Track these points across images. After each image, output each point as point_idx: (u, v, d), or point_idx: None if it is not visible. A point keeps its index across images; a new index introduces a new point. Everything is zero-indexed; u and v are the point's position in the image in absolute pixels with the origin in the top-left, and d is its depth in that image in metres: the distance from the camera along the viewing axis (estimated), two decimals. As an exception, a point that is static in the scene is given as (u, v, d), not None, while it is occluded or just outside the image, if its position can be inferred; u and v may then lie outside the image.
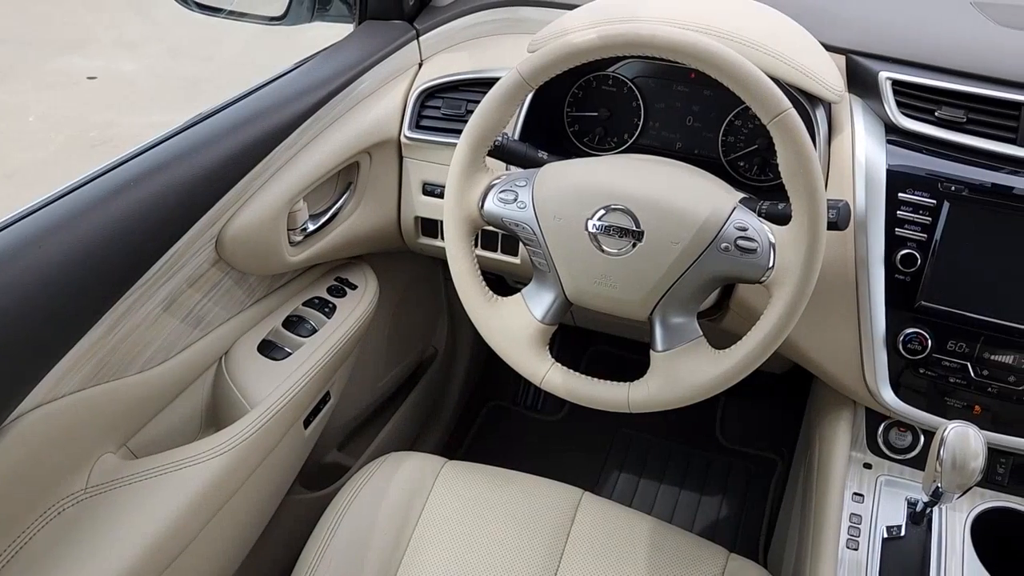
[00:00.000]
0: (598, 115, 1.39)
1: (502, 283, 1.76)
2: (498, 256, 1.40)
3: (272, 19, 1.41)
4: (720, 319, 1.30)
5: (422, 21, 1.41)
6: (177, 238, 1.05)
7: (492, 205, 1.07)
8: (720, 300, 1.28)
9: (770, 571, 1.62)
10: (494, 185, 1.08)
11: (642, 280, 1.00)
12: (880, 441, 1.25)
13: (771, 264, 0.97)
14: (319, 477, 1.54)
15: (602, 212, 1.00)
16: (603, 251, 1.01)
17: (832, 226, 1.03)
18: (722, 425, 2.12)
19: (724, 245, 0.98)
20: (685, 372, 1.01)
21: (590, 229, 1.01)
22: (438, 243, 1.44)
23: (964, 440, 0.97)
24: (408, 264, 1.67)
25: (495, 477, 1.27)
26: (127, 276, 0.99)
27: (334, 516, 1.18)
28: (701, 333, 1.03)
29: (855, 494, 1.20)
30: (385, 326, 1.66)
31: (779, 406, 2.04)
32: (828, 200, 1.03)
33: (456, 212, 1.08)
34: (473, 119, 1.05)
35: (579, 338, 2.28)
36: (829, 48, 1.21)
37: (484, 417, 2.16)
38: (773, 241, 0.98)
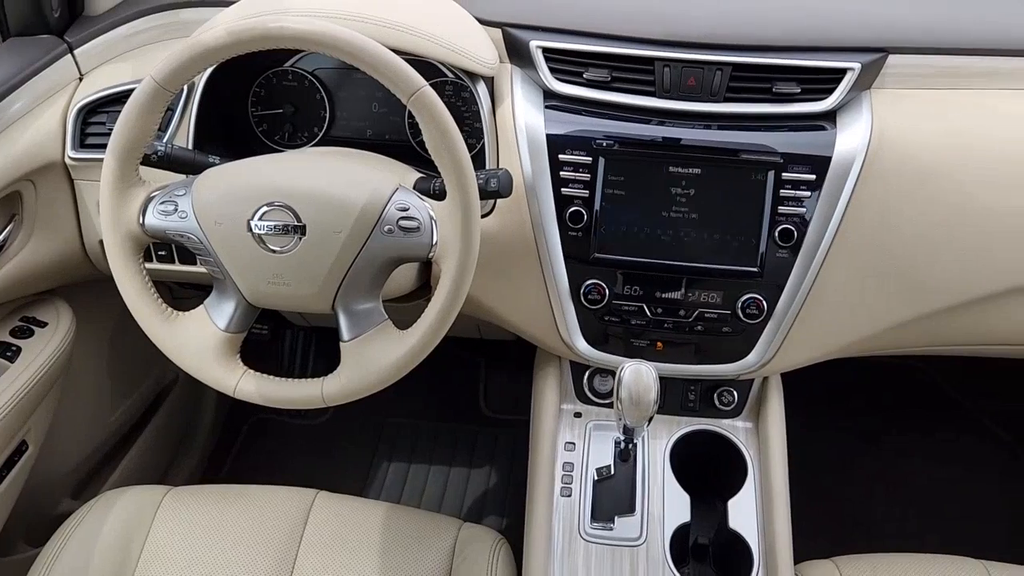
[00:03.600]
0: (283, 112, 1.36)
1: None
2: (199, 269, 1.35)
3: None
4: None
5: (74, 34, 1.31)
6: None
7: (153, 219, 1.03)
8: (426, 280, 1.30)
9: None
10: (153, 197, 1.03)
11: (314, 273, 1.00)
12: (586, 389, 1.32)
13: (435, 240, 0.99)
14: (47, 531, 1.43)
15: (263, 211, 0.99)
16: (271, 250, 0.99)
17: (494, 194, 1.07)
18: (485, 397, 2.17)
19: (388, 227, 0.99)
20: (374, 357, 1.02)
21: (253, 230, 0.99)
22: None
23: (637, 376, 1.04)
24: (116, 290, 1.58)
25: (224, 496, 1.23)
26: None
27: (39, 574, 1.10)
28: (387, 316, 1.04)
29: (567, 443, 1.26)
30: (100, 359, 1.56)
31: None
32: (487, 170, 1.07)
33: (115, 231, 1.03)
34: (114, 133, 1.00)
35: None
36: (485, 23, 1.25)
37: (247, 433, 2.10)
38: (434, 217, 1.00)
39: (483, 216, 1.20)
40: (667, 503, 1.20)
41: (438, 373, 2.21)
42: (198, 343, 1.05)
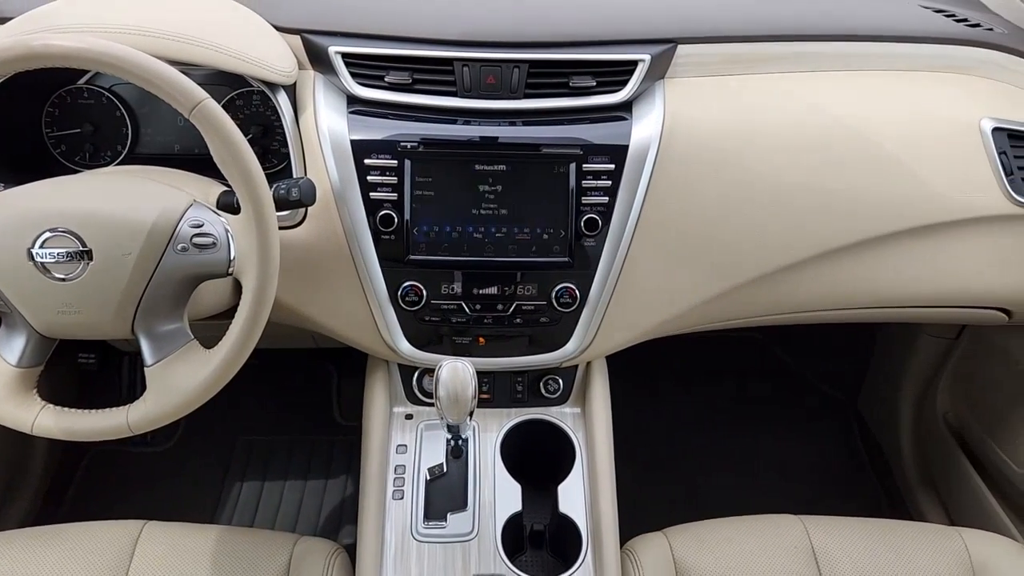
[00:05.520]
0: (82, 131, 1.30)
1: None
2: None
3: None
4: None
5: None
6: None
7: None
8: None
9: None
10: None
11: (106, 299, 0.96)
12: (416, 390, 1.33)
13: (233, 255, 0.97)
14: None
15: (45, 237, 0.94)
16: (56, 278, 0.95)
17: (296, 204, 1.05)
18: (339, 405, 2.15)
19: (181, 245, 0.96)
20: (179, 379, 0.99)
21: (35, 259, 0.94)
22: None
23: (454, 373, 1.05)
24: None
25: (38, 538, 1.17)
26: None
27: None
28: (192, 336, 1.01)
29: (399, 446, 1.27)
30: None
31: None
32: (289, 179, 1.05)
33: None
34: None
35: None
36: (283, 30, 1.23)
37: (86, 468, 1.99)
38: (231, 231, 0.98)
39: (294, 226, 1.19)
40: (498, 494, 1.22)
41: (289, 386, 2.18)
42: None
